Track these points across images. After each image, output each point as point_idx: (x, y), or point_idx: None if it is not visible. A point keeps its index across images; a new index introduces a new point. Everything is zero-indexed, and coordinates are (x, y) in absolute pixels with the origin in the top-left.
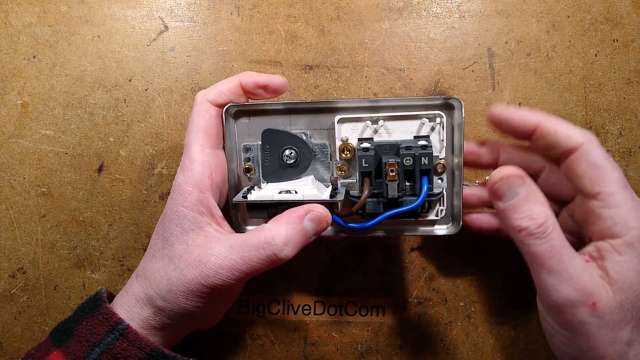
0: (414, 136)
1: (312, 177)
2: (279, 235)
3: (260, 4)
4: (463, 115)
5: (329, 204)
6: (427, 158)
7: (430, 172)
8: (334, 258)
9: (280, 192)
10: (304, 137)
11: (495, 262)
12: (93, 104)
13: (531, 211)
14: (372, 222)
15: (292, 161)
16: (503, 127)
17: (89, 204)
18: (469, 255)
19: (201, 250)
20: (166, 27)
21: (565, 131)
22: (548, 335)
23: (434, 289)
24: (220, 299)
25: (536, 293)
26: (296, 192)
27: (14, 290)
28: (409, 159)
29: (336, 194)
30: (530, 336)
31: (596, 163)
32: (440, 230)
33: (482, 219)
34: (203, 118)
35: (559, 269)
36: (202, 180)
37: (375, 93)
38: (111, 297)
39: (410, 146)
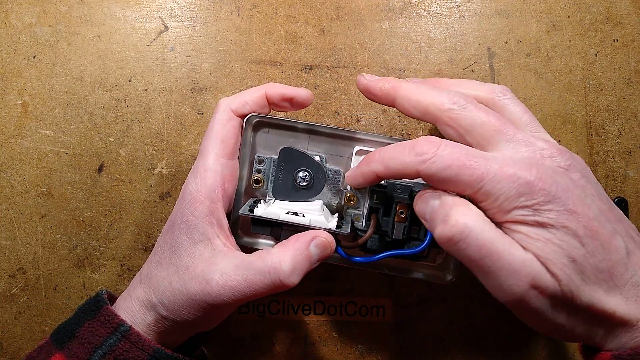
0: None
1: (321, 202)
2: (285, 262)
3: (260, 4)
4: None
5: (334, 234)
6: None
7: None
8: (333, 258)
9: (287, 213)
10: (319, 160)
11: None
12: (93, 104)
13: (443, 216)
14: (374, 258)
15: (304, 183)
16: (370, 97)
17: (89, 204)
18: None
19: (206, 265)
20: (166, 27)
21: (419, 104)
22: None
23: (434, 289)
24: (222, 311)
25: None
26: (303, 216)
27: (14, 290)
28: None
29: (342, 224)
30: (530, 336)
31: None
32: (436, 277)
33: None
34: (224, 127)
35: (496, 269)
36: (215, 190)
37: None
38: (112, 297)
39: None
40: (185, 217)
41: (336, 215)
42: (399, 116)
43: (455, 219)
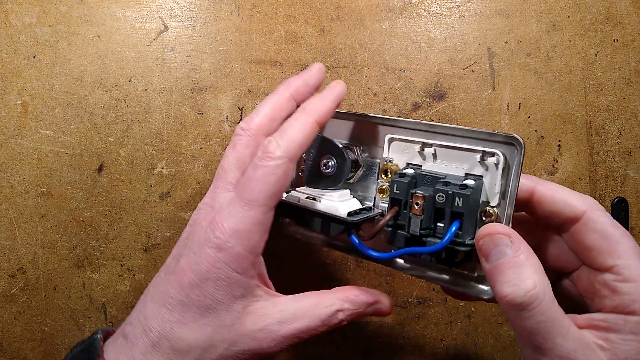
0: (466, 173)
1: (347, 191)
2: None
3: (260, 4)
4: (522, 159)
5: (354, 224)
6: (462, 199)
7: (465, 215)
8: (334, 258)
9: (307, 197)
10: (354, 150)
11: None
12: (93, 104)
13: (518, 276)
14: (389, 255)
15: (328, 170)
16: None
17: (89, 204)
18: None
19: (256, 318)
20: (166, 27)
21: (564, 198)
22: None
23: (434, 289)
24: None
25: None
26: (320, 202)
27: (13, 290)
28: (442, 196)
29: (357, 213)
30: None
31: (605, 232)
32: (472, 289)
33: None
34: (280, 182)
35: (547, 348)
36: (260, 245)
37: (375, 93)
38: (108, 335)
39: (451, 182)
40: (224, 272)
41: (356, 204)
42: (399, 116)
43: (532, 283)
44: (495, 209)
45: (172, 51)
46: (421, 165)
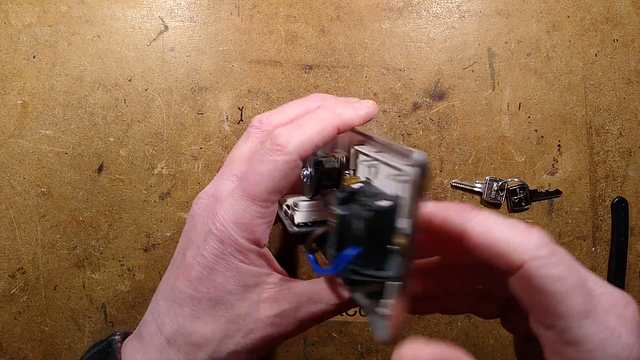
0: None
1: (321, 202)
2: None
3: (260, 4)
4: (422, 179)
5: (291, 234)
6: (360, 222)
7: (365, 241)
8: None
9: (285, 204)
10: (336, 160)
11: None
12: (93, 104)
13: None
14: (322, 271)
15: (305, 180)
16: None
17: (89, 204)
18: None
19: (272, 304)
20: (166, 27)
21: (499, 244)
22: None
23: None
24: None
25: None
26: (284, 207)
27: (13, 290)
28: (338, 217)
29: (305, 225)
30: None
31: (544, 289)
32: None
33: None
34: (287, 179)
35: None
36: (264, 237)
37: (375, 93)
38: (126, 336)
39: (367, 203)
40: (232, 265)
41: (317, 215)
42: (399, 116)
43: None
44: (402, 236)
45: (172, 51)
46: (370, 180)
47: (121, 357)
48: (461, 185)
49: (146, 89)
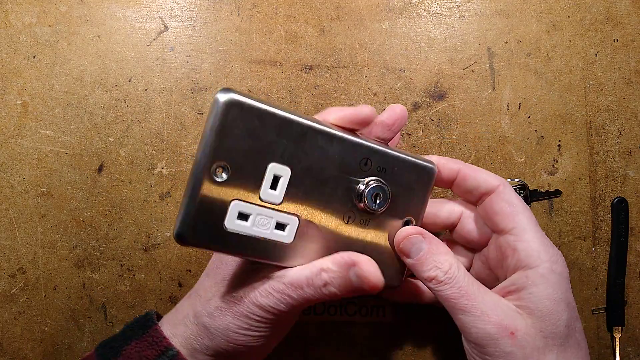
0: None
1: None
2: (327, 267)
3: (260, 4)
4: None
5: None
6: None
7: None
8: None
9: None
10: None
11: None
12: (93, 104)
13: (436, 262)
14: None
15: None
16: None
17: (89, 204)
18: None
19: (257, 272)
20: (166, 27)
21: (483, 175)
22: None
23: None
24: (274, 328)
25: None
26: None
27: (14, 290)
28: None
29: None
30: None
31: (511, 202)
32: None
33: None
34: None
35: (472, 307)
36: None
37: (375, 93)
38: (159, 318)
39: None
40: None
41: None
42: None
43: (448, 264)
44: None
45: (172, 51)
46: None
47: (158, 324)
48: None
49: (146, 89)
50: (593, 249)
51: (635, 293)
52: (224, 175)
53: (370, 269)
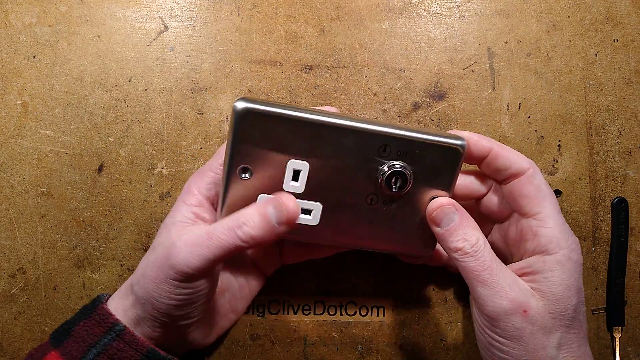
0: None
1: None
2: (247, 215)
3: (260, 4)
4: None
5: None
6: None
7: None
8: (334, 258)
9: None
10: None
11: None
12: (93, 104)
13: (465, 234)
14: None
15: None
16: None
17: (89, 204)
18: None
19: (179, 234)
20: (166, 27)
21: (515, 156)
22: (483, 345)
23: (434, 289)
24: (193, 295)
25: (471, 306)
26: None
27: (13, 290)
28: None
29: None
30: None
31: (539, 187)
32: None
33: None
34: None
35: (492, 281)
36: (213, 188)
37: (375, 93)
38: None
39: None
40: (177, 205)
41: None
42: (399, 116)
43: (475, 238)
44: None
45: (172, 51)
46: None
47: (106, 304)
48: None
49: (146, 89)
50: (593, 249)
51: (635, 293)
52: (247, 175)
53: (286, 199)
